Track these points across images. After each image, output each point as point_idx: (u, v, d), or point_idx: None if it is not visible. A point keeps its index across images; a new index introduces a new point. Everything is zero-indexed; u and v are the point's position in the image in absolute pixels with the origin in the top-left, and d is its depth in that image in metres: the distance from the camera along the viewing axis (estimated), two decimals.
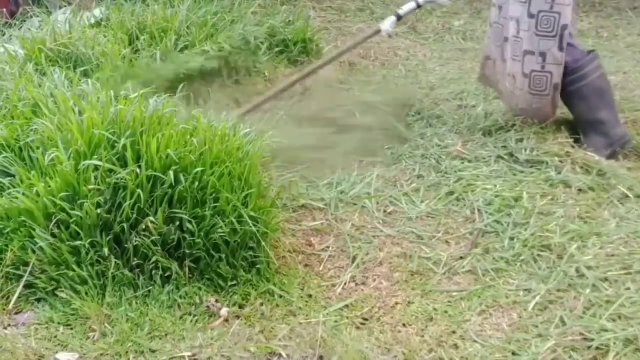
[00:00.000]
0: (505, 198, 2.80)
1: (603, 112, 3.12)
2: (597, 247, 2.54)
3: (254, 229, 2.42)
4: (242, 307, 2.37)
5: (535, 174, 2.93)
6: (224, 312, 2.32)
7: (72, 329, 2.25)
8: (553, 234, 2.60)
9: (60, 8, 4.29)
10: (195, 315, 2.31)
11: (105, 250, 2.32)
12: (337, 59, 3.68)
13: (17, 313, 2.31)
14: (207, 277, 2.41)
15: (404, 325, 2.30)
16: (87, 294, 2.30)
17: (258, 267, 2.45)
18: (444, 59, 4.44)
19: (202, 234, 2.37)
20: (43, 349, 2.16)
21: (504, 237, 2.63)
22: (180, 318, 2.30)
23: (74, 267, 2.31)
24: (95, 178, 2.34)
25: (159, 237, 2.35)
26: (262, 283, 2.44)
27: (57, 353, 2.15)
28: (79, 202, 2.33)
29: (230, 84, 3.81)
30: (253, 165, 2.56)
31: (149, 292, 2.35)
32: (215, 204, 2.39)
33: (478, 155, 3.09)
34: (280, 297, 2.41)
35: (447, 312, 2.34)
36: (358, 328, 2.29)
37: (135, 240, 2.33)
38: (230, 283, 2.41)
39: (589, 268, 2.44)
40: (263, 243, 2.46)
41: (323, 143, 3.21)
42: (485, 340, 2.22)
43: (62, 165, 2.36)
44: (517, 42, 3.05)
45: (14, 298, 2.33)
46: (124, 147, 2.39)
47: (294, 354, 2.17)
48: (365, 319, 2.33)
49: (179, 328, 2.26)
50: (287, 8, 4.62)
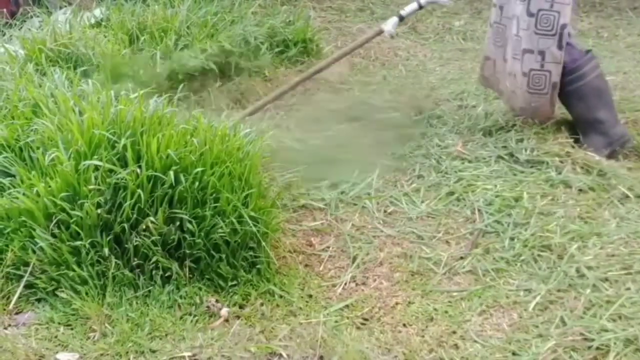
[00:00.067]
0: (506, 198, 2.80)
1: (601, 111, 3.12)
2: (597, 247, 2.54)
3: (254, 229, 2.42)
4: (242, 307, 2.37)
5: (536, 174, 2.93)
6: (224, 312, 2.32)
7: (72, 329, 2.25)
8: (553, 234, 2.60)
9: (61, 8, 4.29)
10: (196, 315, 2.31)
11: (106, 250, 2.32)
12: (339, 60, 3.67)
13: (17, 313, 2.31)
14: (207, 277, 2.41)
15: (404, 325, 2.30)
16: (87, 294, 2.30)
17: (258, 267, 2.46)
18: (444, 59, 4.44)
19: (202, 234, 2.37)
20: (43, 349, 2.16)
21: (504, 237, 2.63)
22: (181, 318, 2.30)
23: (74, 267, 2.31)
24: (96, 178, 2.34)
25: (159, 237, 2.35)
26: (262, 283, 2.44)
27: (57, 353, 2.15)
28: (79, 202, 2.33)
29: (230, 84, 3.81)
30: (253, 165, 2.56)
31: (149, 292, 2.35)
32: (216, 204, 2.39)
33: (478, 155, 3.09)
34: (281, 297, 2.41)
35: (447, 312, 2.34)
36: (358, 328, 2.29)
37: (136, 240, 2.33)
38: (231, 283, 2.41)
39: (589, 268, 2.44)
40: (263, 243, 2.46)
41: (342, 142, 3.20)
42: (486, 340, 2.22)
43: (62, 165, 2.36)
44: (517, 40, 3.06)
45: (14, 298, 2.33)
46: (124, 147, 2.39)
47: (294, 354, 2.17)
48: (366, 319, 2.33)
49: (179, 328, 2.26)
50: (287, 8, 4.62)
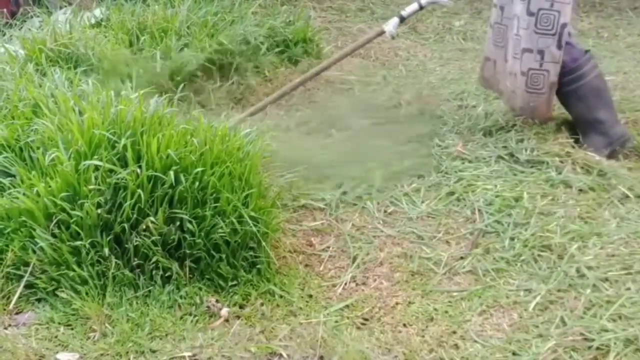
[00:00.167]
0: (506, 198, 2.80)
1: (601, 111, 3.12)
2: (597, 247, 2.54)
3: (254, 229, 2.42)
4: (242, 307, 2.37)
5: (536, 174, 2.93)
6: (224, 312, 2.32)
7: (72, 329, 2.25)
8: (553, 234, 2.60)
9: (61, 8, 4.29)
10: (196, 315, 2.31)
11: (106, 250, 2.32)
12: (340, 60, 3.68)
13: (17, 313, 2.31)
14: (207, 277, 2.41)
15: (405, 325, 2.30)
16: (87, 294, 2.30)
17: (258, 267, 2.46)
18: (444, 59, 4.44)
19: (202, 234, 2.37)
20: (43, 349, 2.16)
21: (504, 237, 2.63)
22: (181, 318, 2.30)
23: (75, 267, 2.31)
24: (96, 178, 2.34)
25: (159, 237, 2.35)
26: (262, 283, 2.44)
27: (57, 353, 2.15)
28: (79, 202, 2.33)
29: (231, 84, 3.81)
30: (253, 165, 2.56)
31: (149, 292, 2.35)
32: (216, 204, 2.39)
33: (478, 155, 3.09)
34: (281, 297, 2.41)
35: (447, 312, 2.34)
36: (358, 328, 2.29)
37: (136, 240, 2.33)
38: (231, 283, 2.41)
39: (590, 268, 2.44)
40: (263, 243, 2.46)
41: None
42: (486, 340, 2.22)
43: (62, 165, 2.36)
44: (517, 39, 3.06)
45: (15, 298, 2.33)
46: (124, 147, 2.39)
47: (295, 354, 2.17)
48: (366, 319, 2.33)
49: (179, 328, 2.26)
50: (287, 8, 4.62)
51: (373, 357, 2.16)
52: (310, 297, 2.43)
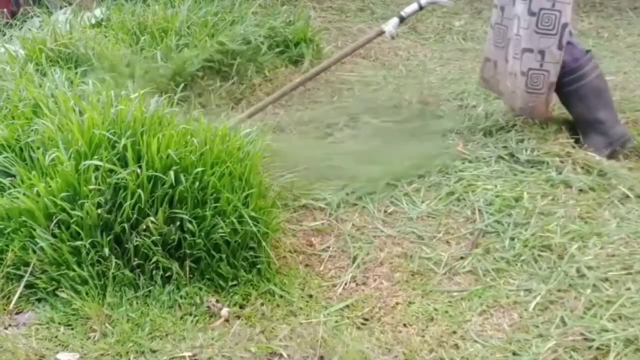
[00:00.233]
0: (506, 198, 2.80)
1: (601, 111, 3.11)
2: (597, 247, 2.54)
3: (255, 229, 2.42)
4: (242, 307, 2.37)
5: (536, 174, 2.93)
6: (225, 312, 2.32)
7: (72, 329, 2.25)
8: (553, 234, 2.59)
9: (61, 8, 4.29)
10: (196, 315, 2.31)
11: (106, 250, 2.32)
12: (340, 60, 3.67)
13: (17, 313, 2.31)
14: (207, 277, 2.41)
15: (405, 325, 2.30)
16: (87, 294, 2.30)
17: (258, 267, 2.46)
18: (445, 59, 4.43)
19: (202, 234, 2.37)
20: (44, 349, 2.16)
21: (505, 237, 2.63)
22: (181, 318, 2.30)
23: (75, 267, 2.31)
24: (96, 178, 2.34)
25: (160, 237, 2.35)
26: (262, 283, 2.44)
27: (57, 353, 2.15)
28: (80, 202, 2.33)
29: (231, 84, 3.81)
30: (253, 165, 2.56)
31: (150, 292, 2.35)
32: (216, 204, 2.39)
33: (478, 155, 3.09)
34: (281, 297, 2.41)
35: (447, 312, 2.34)
36: (359, 328, 2.29)
37: (136, 240, 2.33)
38: (231, 283, 2.41)
39: (590, 268, 2.44)
40: (263, 243, 2.46)
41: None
42: (486, 340, 2.22)
43: (62, 165, 2.36)
44: (517, 39, 3.05)
45: (15, 298, 2.33)
46: (125, 147, 2.39)
47: (295, 354, 2.17)
48: (366, 319, 2.33)
49: (180, 328, 2.26)
50: (287, 8, 4.62)
51: (373, 357, 2.16)
52: (311, 297, 2.43)
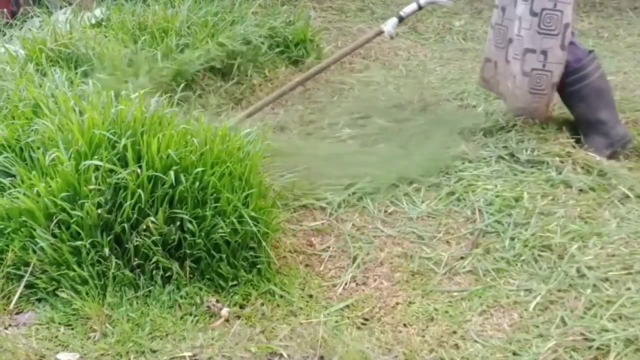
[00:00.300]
0: (506, 198, 2.80)
1: (603, 112, 3.11)
2: (597, 247, 2.54)
3: (255, 229, 2.42)
4: (242, 307, 2.37)
5: (536, 174, 2.93)
6: (225, 312, 2.32)
7: (72, 329, 2.25)
8: (554, 234, 2.60)
9: (61, 8, 4.29)
10: (196, 315, 2.31)
11: (106, 250, 2.32)
12: (340, 60, 3.67)
13: (17, 313, 2.31)
14: (207, 277, 2.41)
15: (405, 325, 2.30)
16: (87, 294, 2.30)
17: (259, 267, 2.46)
18: (445, 59, 4.44)
19: (202, 234, 2.37)
20: (44, 349, 2.16)
21: (505, 237, 2.63)
22: (181, 318, 2.30)
23: (75, 267, 2.31)
24: (96, 178, 2.34)
25: (160, 237, 2.35)
26: (262, 283, 2.44)
27: (57, 353, 2.15)
28: (80, 202, 2.33)
29: (231, 84, 3.81)
30: (253, 165, 2.56)
31: (150, 292, 2.35)
32: (216, 204, 2.39)
33: (479, 155, 3.09)
34: (281, 297, 2.41)
35: (447, 312, 2.34)
36: (359, 328, 2.29)
37: (136, 240, 2.33)
38: (231, 283, 2.41)
39: (590, 268, 2.44)
40: (264, 243, 2.46)
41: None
42: (486, 340, 2.22)
43: (62, 165, 2.36)
44: (518, 40, 3.05)
45: (15, 298, 2.33)
46: (125, 147, 2.39)
47: (295, 354, 2.17)
48: (366, 319, 2.33)
49: (180, 328, 2.26)
50: (287, 8, 4.62)
51: (373, 357, 2.16)
52: (311, 297, 2.43)
